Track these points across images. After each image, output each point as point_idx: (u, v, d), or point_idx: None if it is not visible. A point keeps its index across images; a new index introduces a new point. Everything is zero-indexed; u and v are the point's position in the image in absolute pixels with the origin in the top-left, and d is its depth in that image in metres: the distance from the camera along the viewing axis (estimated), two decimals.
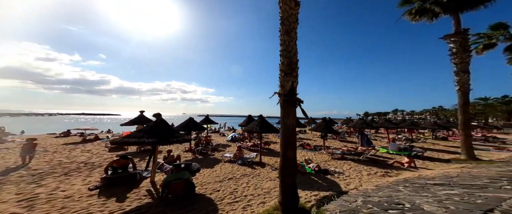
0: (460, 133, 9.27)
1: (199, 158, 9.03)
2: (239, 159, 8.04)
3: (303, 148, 12.14)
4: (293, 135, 3.57)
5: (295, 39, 3.64)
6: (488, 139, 18.68)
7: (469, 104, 8.79)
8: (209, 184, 5.49)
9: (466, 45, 8.71)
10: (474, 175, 5.03)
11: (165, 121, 5.06)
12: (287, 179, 3.52)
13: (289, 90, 3.50)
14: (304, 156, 9.48)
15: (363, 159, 8.83)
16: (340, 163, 8.38)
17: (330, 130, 11.78)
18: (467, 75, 8.76)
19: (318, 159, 9.11)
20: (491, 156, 10.93)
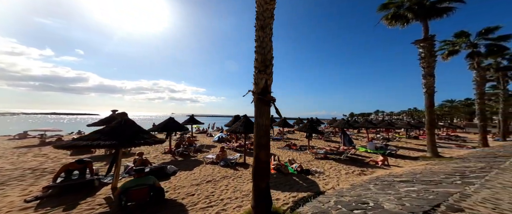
0: (426, 132, 10.20)
1: (179, 160, 8.64)
2: (222, 160, 7.85)
3: (289, 148, 12.34)
4: (267, 135, 3.47)
5: (270, 35, 3.55)
6: (451, 138, 20.93)
7: (434, 106, 9.71)
8: (183, 188, 5.23)
9: (432, 50, 9.61)
10: (434, 171, 5.52)
11: (131, 120, 4.61)
12: (260, 183, 3.42)
13: (262, 89, 3.39)
14: (289, 156, 9.63)
15: (344, 158, 9.24)
16: (322, 162, 8.64)
17: (314, 130, 12.17)
18: (432, 78, 9.67)
19: (302, 159, 9.30)
20: (452, 153, 12.21)
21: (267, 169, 3.49)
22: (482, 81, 15.08)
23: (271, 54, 3.57)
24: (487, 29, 14.90)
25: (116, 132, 3.90)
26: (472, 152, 11.47)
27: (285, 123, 17.93)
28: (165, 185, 5.35)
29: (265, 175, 3.46)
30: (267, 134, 3.47)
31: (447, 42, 16.54)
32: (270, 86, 3.52)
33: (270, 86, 3.55)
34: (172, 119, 9.53)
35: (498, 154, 8.96)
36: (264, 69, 3.42)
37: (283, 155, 10.27)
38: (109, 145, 3.62)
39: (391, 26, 12.21)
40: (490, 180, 3.84)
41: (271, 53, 3.57)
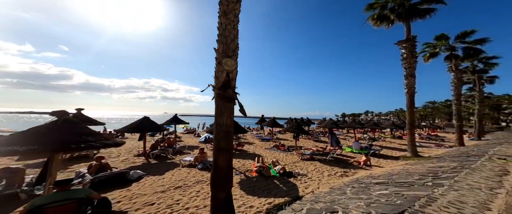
0: (407, 132, 10.55)
1: (153, 163, 8.12)
2: (200, 163, 7.47)
3: (277, 149, 12.21)
4: (228, 137, 3.13)
5: (234, 23, 3.21)
6: (431, 137, 22.12)
7: (414, 106, 10.07)
8: (143, 197, 4.73)
9: (413, 51, 9.94)
10: (410, 172, 5.59)
11: (73, 120, 3.94)
12: (219, 193, 3.05)
13: (223, 83, 3.05)
14: (275, 158, 9.47)
15: (329, 159, 9.25)
16: (307, 164, 8.55)
17: (301, 130, 12.14)
18: (413, 79, 10.01)
19: (288, 160, 9.16)
20: (431, 152, 12.80)
21: (227, 177, 3.16)
22: (459, 83, 16.01)
23: (235, 44, 3.24)
24: (463, 33, 15.84)
25: (50, 134, 3.31)
26: (448, 151, 12.09)
27: (274, 123, 17.82)
28: (121, 194, 4.80)
29: (225, 184, 3.11)
30: (228, 135, 3.13)
31: (428, 44, 17.39)
32: (233, 80, 3.19)
33: (234, 81, 3.22)
34: (146, 118, 8.84)
35: (471, 153, 9.47)
36: (225, 61, 3.08)
37: (269, 156, 10.09)
38: (31, 150, 2.96)
39: (377, 27, 12.52)
40: (459, 181, 3.88)
41: (236, 43, 3.24)
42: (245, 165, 8.05)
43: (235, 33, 3.24)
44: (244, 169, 7.38)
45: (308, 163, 8.74)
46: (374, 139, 19.50)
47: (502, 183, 3.82)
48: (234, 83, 3.19)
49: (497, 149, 9.64)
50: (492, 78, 25.33)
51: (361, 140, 19.15)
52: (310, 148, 11.73)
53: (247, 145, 13.59)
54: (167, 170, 6.99)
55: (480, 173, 4.58)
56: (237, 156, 9.80)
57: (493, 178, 4.24)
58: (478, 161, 6.17)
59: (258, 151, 11.45)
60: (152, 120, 9.07)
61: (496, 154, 8.09)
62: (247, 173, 6.93)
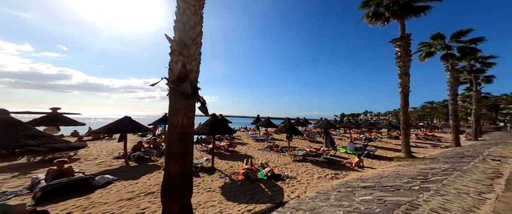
0: (401, 132, 10.38)
1: (132, 166, 7.65)
2: None
3: (270, 150, 12.00)
4: (184, 140, 2.70)
5: (196, 8, 2.82)
6: (428, 137, 22.05)
7: (409, 105, 9.92)
8: (102, 206, 4.22)
9: (408, 49, 9.77)
10: (401, 174, 5.39)
11: (12, 120, 3.49)
12: (170, 206, 2.64)
13: (179, 76, 2.65)
14: (266, 159, 9.25)
15: (322, 160, 9.05)
16: (299, 165, 8.31)
17: (294, 130, 11.89)
18: (407, 78, 9.84)
19: (280, 162, 8.93)
20: (426, 153, 12.66)
21: (181, 186, 2.75)
22: (455, 82, 15.92)
23: (197, 32, 2.87)
24: (459, 32, 15.75)
25: None
26: (443, 152, 11.96)
27: (269, 123, 17.58)
28: (75, 204, 4.31)
29: (178, 194, 2.71)
30: (184, 138, 2.72)
31: (424, 44, 17.28)
32: (193, 73, 2.80)
33: (195, 73, 2.84)
34: (127, 118, 8.38)
35: (466, 154, 9.32)
36: (180, 50, 2.70)
37: (261, 157, 9.86)
38: None
39: (372, 25, 12.34)
40: (447, 184, 3.68)
41: (197, 31, 2.88)
42: (234, 167, 7.81)
43: (197, 19, 2.89)
44: (231, 172, 7.13)
45: (300, 164, 8.52)
46: (370, 139, 19.37)
47: (493, 186, 3.63)
48: (194, 76, 2.83)
49: (492, 150, 9.51)
50: (489, 78, 25.34)
51: (357, 140, 19.00)
52: (303, 148, 11.52)
53: (240, 146, 13.36)
54: (145, 174, 6.62)
55: (471, 176, 4.39)
56: (227, 157, 9.57)
57: (484, 181, 4.04)
58: (470, 162, 5.99)
59: (251, 152, 11.23)
60: (133, 119, 8.65)
61: (491, 154, 7.94)
62: (233, 175, 6.68)
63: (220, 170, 7.32)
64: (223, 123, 7.86)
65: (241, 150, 11.68)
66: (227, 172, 7.11)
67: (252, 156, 10.05)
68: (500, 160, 6.18)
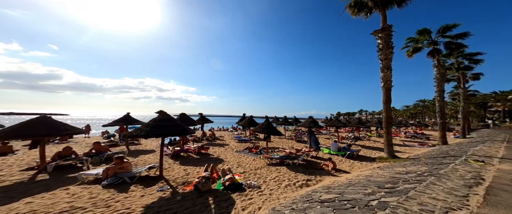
0: (383, 130, 9.75)
1: (42, 179, 5.98)
2: (107, 179, 5.43)
3: (249, 152, 11.09)
4: None
5: None
6: (417, 136, 21.75)
7: (391, 101, 9.28)
8: None
9: (389, 41, 9.13)
10: (371, 180, 4.64)
11: None
12: None
13: None
14: (237, 163, 8.31)
15: (299, 163, 8.26)
16: (272, 170, 7.39)
17: (272, 130, 11.07)
18: (389, 71, 9.21)
19: (252, 166, 7.95)
20: (412, 152, 12.13)
21: None
22: (442, 79, 15.53)
23: None
24: (445, 26, 15.38)
25: None
26: (429, 151, 11.44)
27: (251, 122, 16.71)
28: None
29: None
30: None
31: (411, 39, 16.87)
32: None
33: None
34: (45, 118, 6.52)
35: (450, 153, 8.75)
36: None
37: (233, 160, 8.90)
38: None
39: (355, 16, 11.67)
40: (412, 197, 2.92)
41: None
42: (191, 175, 6.70)
43: None
44: (183, 181, 5.98)
45: (273, 169, 7.64)
46: (358, 138, 18.84)
47: (468, 199, 2.89)
48: None
49: (478, 148, 8.99)
50: (477, 75, 25.37)
51: (344, 139, 18.43)
52: (284, 150, 10.70)
53: (217, 148, 12.43)
54: (47, 190, 5.05)
55: (445, 183, 3.66)
56: (193, 162, 8.48)
57: (459, 190, 3.32)
58: (450, 164, 5.31)
59: (225, 155, 10.28)
60: (54, 119, 6.75)
61: (475, 154, 7.36)
62: (182, 187, 5.52)
63: (167, 179, 6.10)
64: (174, 122, 6.18)
65: (216, 153, 10.72)
66: (176, 181, 5.95)
67: (224, 159, 9.14)
68: (484, 161, 5.54)
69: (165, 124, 5.94)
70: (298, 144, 15.65)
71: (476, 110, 43.47)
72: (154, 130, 5.69)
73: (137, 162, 8.33)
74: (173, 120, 6.26)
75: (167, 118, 6.21)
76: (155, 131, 5.69)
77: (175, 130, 5.98)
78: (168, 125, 5.95)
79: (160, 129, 5.71)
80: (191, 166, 7.82)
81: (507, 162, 5.67)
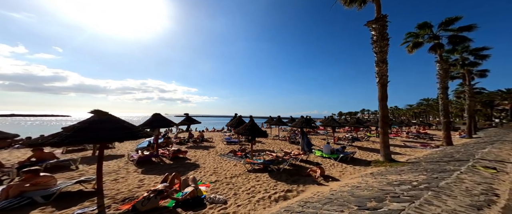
0: (379, 131, 8.79)
1: None
2: (9, 199, 4.04)
3: (234, 156, 10.13)
4: None
5: None
6: (420, 136, 20.58)
7: (387, 98, 8.33)
8: None
9: (384, 32, 8.22)
10: (355, 194, 3.73)
11: None
12: None
13: None
14: (213, 169, 7.39)
15: (284, 168, 7.35)
16: (250, 178, 6.44)
17: (256, 132, 9.99)
18: (385, 65, 8.28)
19: (229, 173, 6.94)
20: (413, 154, 11.09)
21: None
22: (445, 75, 14.46)
23: None
24: (447, 20, 14.34)
25: None
26: (431, 153, 10.39)
27: (239, 122, 15.78)
28: None
29: None
30: None
31: (411, 34, 15.84)
32: None
33: None
34: None
35: (455, 156, 7.74)
36: None
37: (210, 166, 7.92)
38: None
39: (348, 7, 10.74)
40: None
41: None
42: (145, 186, 5.52)
43: None
44: (127, 196, 4.76)
45: (253, 176, 6.71)
46: (356, 139, 17.79)
47: None
48: None
49: (486, 151, 7.95)
50: (483, 72, 24.04)
51: (340, 140, 17.41)
52: (271, 153, 9.79)
53: (200, 150, 11.53)
54: None
55: (445, 202, 2.74)
56: (161, 169, 7.27)
57: (464, 211, 2.40)
58: (454, 172, 4.35)
59: (206, 159, 9.33)
60: None
61: (484, 157, 6.37)
62: (119, 205, 4.33)
63: (106, 195, 4.79)
64: (114, 124, 4.84)
65: (195, 157, 9.73)
66: (116, 198, 4.69)
67: (201, 165, 8.22)
68: (495, 168, 4.56)
69: (98, 127, 4.52)
70: (291, 145, 14.71)
71: (483, 109, 41.81)
72: (78, 135, 4.19)
73: (88, 170, 7.00)
74: (113, 122, 4.91)
75: (105, 119, 4.85)
76: (78, 136, 4.19)
77: (112, 135, 4.63)
78: (102, 129, 4.53)
79: (88, 133, 4.31)
80: (155, 175, 6.66)
81: None
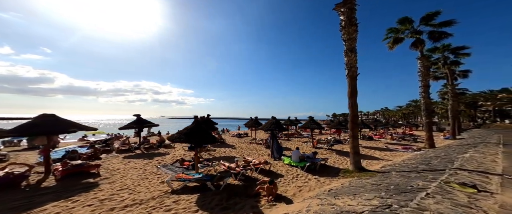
0: (349, 133, 7.54)
1: None
2: None
3: (179, 166, 8.26)
4: None
5: None
6: (404, 137, 19.86)
7: (357, 94, 7.12)
8: None
9: (352, 17, 7.05)
10: None
11: None
12: None
13: None
14: (109, 192, 5.58)
15: (226, 184, 5.75)
16: (168, 203, 4.75)
17: (202, 137, 7.08)
18: (354, 55, 7.09)
19: (144, 195, 5.13)
20: (390, 160, 9.97)
21: None
22: (426, 72, 13.68)
23: None
24: (428, 14, 13.65)
25: None
26: (410, 158, 9.29)
27: (209, 122, 14.08)
28: None
29: None
30: None
31: (392, 29, 15.09)
32: None
33: None
34: None
35: (432, 163, 6.60)
36: None
37: (117, 186, 5.78)
38: None
39: None
40: None
41: None
42: None
43: None
44: None
45: (172, 200, 4.84)
46: (339, 141, 16.67)
47: None
48: None
49: (467, 156, 6.86)
50: (465, 72, 24.02)
51: (321, 143, 16.20)
52: (223, 164, 8.03)
53: (138, 160, 9.38)
54: None
55: None
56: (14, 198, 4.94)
57: None
58: (419, 194, 3.04)
59: (127, 173, 7.15)
60: None
61: (464, 166, 5.21)
62: None
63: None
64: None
65: (116, 171, 7.51)
66: None
67: (103, 184, 6.09)
68: (476, 185, 3.30)
69: None
70: (266, 150, 13.21)
71: (467, 110, 42.62)
72: None
73: None
74: None
75: None
76: None
77: None
78: None
79: None
80: None
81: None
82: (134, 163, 8.88)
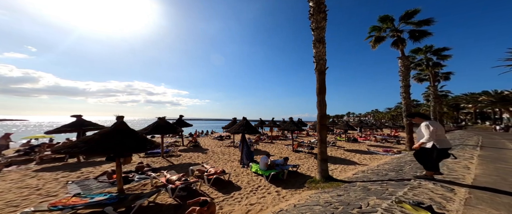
0: (317, 137, 6.83)
1: None
2: None
3: (106, 180, 6.68)
4: None
5: None
6: (388, 139, 19.75)
7: (326, 92, 6.43)
8: None
9: (321, 3, 6.37)
10: None
11: None
12: None
13: None
14: None
15: (136, 207, 4.18)
16: None
17: (128, 146, 5.64)
18: (323, 46, 6.40)
19: None
20: (367, 164, 9.42)
21: None
22: (407, 72, 13.47)
23: None
24: (407, 12, 13.49)
25: None
26: (386, 162, 8.76)
27: (182, 123, 12.95)
28: None
29: None
30: None
31: (375, 27, 14.83)
32: None
33: None
34: None
35: (403, 169, 6.01)
36: None
37: None
38: None
39: None
40: None
41: None
42: None
43: None
44: None
45: None
46: None
47: None
48: None
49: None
50: (447, 74, 24.60)
51: (300, 146, 15.56)
52: (166, 174, 6.71)
53: (69, 173, 7.77)
54: None
55: None
56: None
57: None
58: None
59: (42, 184, 6.07)
60: None
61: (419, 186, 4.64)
62: None
63: None
64: None
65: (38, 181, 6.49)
66: None
67: None
68: (431, 206, 2.59)
69: None
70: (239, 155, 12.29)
71: (449, 111, 44.17)
72: None
73: None
74: None
75: None
76: None
77: None
78: None
79: None
80: None
81: (482, 201, 2.83)
82: (38, 178, 6.97)
